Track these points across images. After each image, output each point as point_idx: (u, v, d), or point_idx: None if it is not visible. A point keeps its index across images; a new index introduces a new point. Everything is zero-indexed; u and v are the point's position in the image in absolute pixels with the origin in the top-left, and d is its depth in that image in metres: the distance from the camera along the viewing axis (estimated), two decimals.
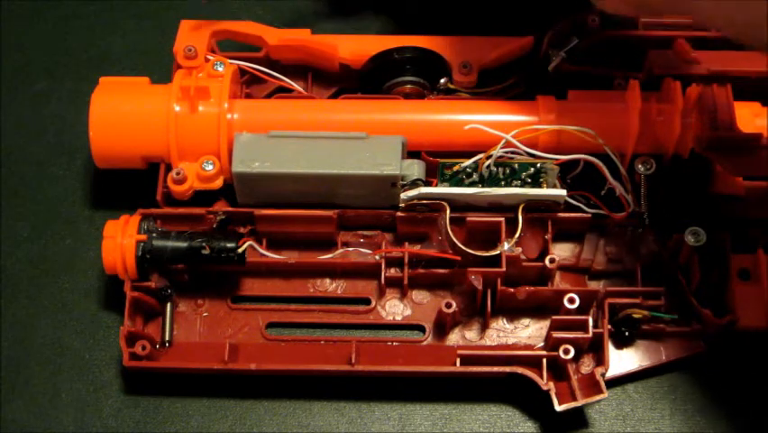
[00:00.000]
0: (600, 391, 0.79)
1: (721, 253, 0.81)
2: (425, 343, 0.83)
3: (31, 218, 0.89)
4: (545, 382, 0.79)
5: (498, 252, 0.81)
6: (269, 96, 0.89)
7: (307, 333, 0.84)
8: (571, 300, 0.80)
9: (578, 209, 0.83)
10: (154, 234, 0.81)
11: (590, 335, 0.79)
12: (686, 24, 0.88)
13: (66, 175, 0.91)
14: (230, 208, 0.84)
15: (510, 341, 0.83)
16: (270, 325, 0.84)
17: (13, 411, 0.82)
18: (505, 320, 0.84)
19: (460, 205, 0.82)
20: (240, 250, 0.81)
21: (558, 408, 0.79)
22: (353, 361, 0.80)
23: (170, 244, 0.81)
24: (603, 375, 0.79)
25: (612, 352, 0.82)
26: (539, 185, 0.82)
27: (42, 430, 0.82)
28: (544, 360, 0.80)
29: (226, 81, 0.84)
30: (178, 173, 0.83)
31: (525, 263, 0.82)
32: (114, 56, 0.96)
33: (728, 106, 0.83)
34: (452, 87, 0.87)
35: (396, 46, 0.87)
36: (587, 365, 0.81)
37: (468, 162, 0.81)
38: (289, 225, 0.83)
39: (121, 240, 0.80)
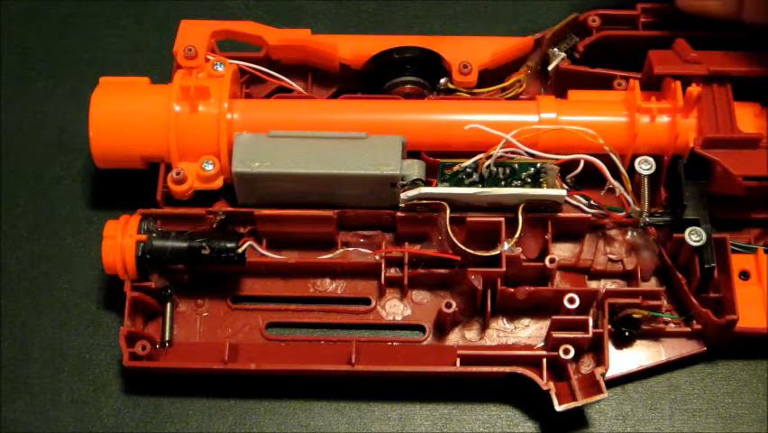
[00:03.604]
0: (600, 391, 0.79)
1: (721, 253, 0.81)
2: (425, 343, 0.83)
3: (31, 218, 0.89)
4: (545, 382, 0.79)
5: (498, 252, 0.81)
6: (269, 96, 0.89)
7: (307, 333, 0.84)
8: (571, 300, 0.80)
9: (578, 209, 0.83)
10: (154, 234, 0.81)
11: (590, 335, 0.79)
12: (686, 24, 0.88)
13: (66, 175, 0.91)
14: (230, 208, 0.84)
15: (510, 341, 0.83)
16: (270, 325, 0.84)
17: (13, 411, 0.83)
18: (505, 320, 0.84)
19: (460, 205, 0.82)
20: (240, 250, 0.81)
21: (558, 408, 0.79)
22: (353, 361, 0.80)
23: (170, 244, 0.81)
24: (603, 375, 0.79)
25: (612, 352, 0.82)
26: (539, 185, 0.82)
27: (42, 430, 0.82)
28: (544, 360, 0.80)
29: (226, 81, 0.84)
30: (178, 173, 0.83)
31: (525, 263, 0.82)
32: (114, 56, 0.96)
33: (728, 106, 0.83)
34: (452, 87, 0.87)
35: (396, 46, 0.87)
36: (587, 365, 0.81)
37: (468, 162, 0.81)
38: (289, 225, 0.83)
39: (121, 240, 0.80)
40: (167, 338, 0.83)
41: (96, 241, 0.84)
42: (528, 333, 0.83)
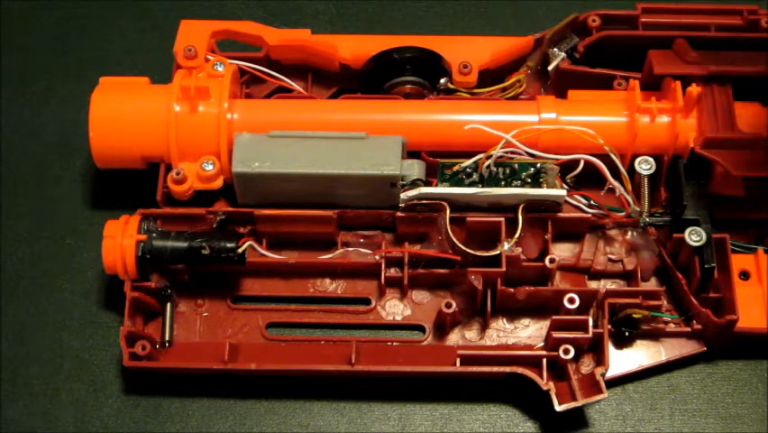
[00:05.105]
0: (600, 391, 0.79)
1: (721, 253, 0.81)
2: (425, 343, 0.83)
3: (31, 218, 0.89)
4: (545, 382, 0.79)
5: (498, 252, 0.81)
6: (269, 96, 0.89)
7: (307, 333, 0.84)
8: (571, 300, 0.80)
9: (578, 209, 0.83)
10: (154, 234, 0.81)
11: (590, 335, 0.79)
12: (686, 24, 0.88)
13: (66, 175, 0.91)
14: (230, 208, 0.84)
15: (510, 341, 0.83)
16: (270, 325, 0.84)
17: (13, 411, 0.82)
18: (505, 320, 0.84)
19: (460, 205, 0.82)
20: (240, 250, 0.81)
21: (558, 408, 0.79)
22: (353, 361, 0.80)
23: (170, 244, 0.81)
24: (603, 375, 0.79)
25: (612, 352, 0.82)
26: (539, 185, 0.82)
27: (42, 430, 0.82)
28: (544, 360, 0.80)
29: (226, 81, 0.84)
30: (178, 173, 0.83)
31: (525, 263, 0.82)
32: (114, 56, 0.96)
33: (728, 106, 0.83)
34: (452, 87, 0.87)
35: (396, 46, 0.87)
36: (587, 365, 0.81)
37: (468, 162, 0.81)
38: (289, 225, 0.83)
39: (121, 240, 0.80)
40: (167, 338, 0.83)
41: (96, 241, 0.84)
42: (528, 333, 0.83)
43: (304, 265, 0.84)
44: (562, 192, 0.81)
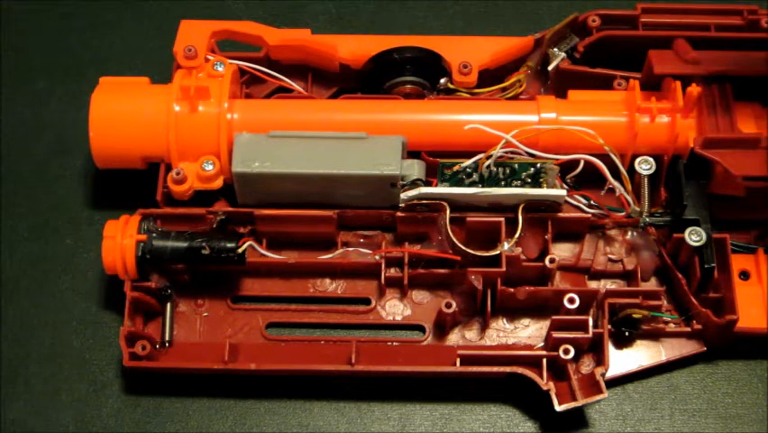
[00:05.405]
0: (600, 391, 0.79)
1: (721, 253, 0.81)
2: (425, 343, 0.83)
3: (31, 218, 0.89)
4: (545, 382, 0.79)
5: (498, 252, 0.81)
6: (269, 96, 0.89)
7: (307, 333, 0.84)
8: (571, 300, 0.80)
9: (578, 209, 0.83)
10: (154, 234, 0.81)
11: (590, 335, 0.79)
12: (686, 24, 0.88)
13: (66, 175, 0.91)
14: (230, 208, 0.84)
15: (510, 341, 0.83)
16: (270, 325, 0.84)
17: (13, 411, 0.82)
18: (505, 320, 0.84)
19: (460, 205, 0.82)
20: (240, 250, 0.81)
21: (558, 408, 0.79)
22: (353, 361, 0.80)
23: (170, 244, 0.81)
24: (603, 375, 0.79)
25: (612, 352, 0.82)
26: (539, 185, 0.82)
27: (42, 430, 0.82)
28: (544, 360, 0.80)
29: (226, 81, 0.84)
30: (178, 173, 0.83)
31: (525, 263, 0.82)
32: (114, 56, 0.96)
33: (728, 106, 0.83)
34: (452, 87, 0.87)
35: (396, 46, 0.87)
36: (587, 365, 0.81)
37: (468, 162, 0.81)
38: (289, 225, 0.83)
39: (121, 240, 0.80)
40: (167, 338, 0.83)
41: (96, 241, 0.84)
42: (528, 333, 0.83)
43: (304, 265, 0.84)
44: (562, 192, 0.81)
